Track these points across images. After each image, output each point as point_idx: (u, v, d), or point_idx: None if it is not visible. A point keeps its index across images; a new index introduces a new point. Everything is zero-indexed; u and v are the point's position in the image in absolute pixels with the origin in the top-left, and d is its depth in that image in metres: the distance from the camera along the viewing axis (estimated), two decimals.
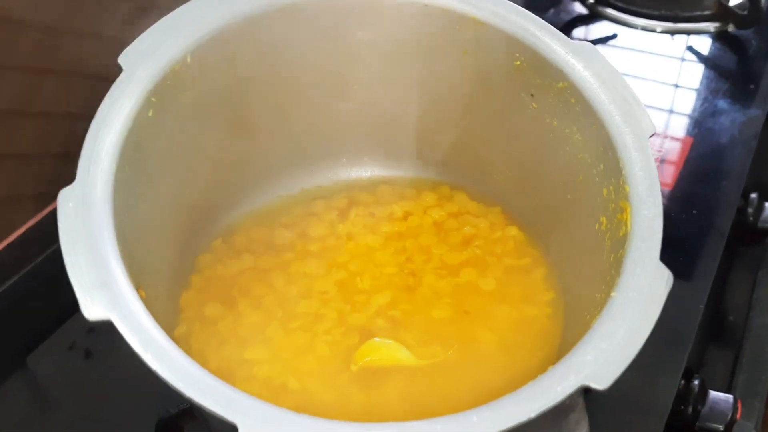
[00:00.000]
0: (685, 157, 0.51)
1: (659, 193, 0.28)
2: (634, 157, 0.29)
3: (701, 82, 0.59)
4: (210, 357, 0.32)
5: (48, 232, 0.43)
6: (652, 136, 0.29)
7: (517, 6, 0.33)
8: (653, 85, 0.59)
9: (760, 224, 0.50)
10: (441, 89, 0.37)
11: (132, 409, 0.38)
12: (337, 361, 0.31)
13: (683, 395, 0.38)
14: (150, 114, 0.29)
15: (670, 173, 0.49)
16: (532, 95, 0.34)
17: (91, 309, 0.24)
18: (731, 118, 0.55)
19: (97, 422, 0.38)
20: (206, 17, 0.32)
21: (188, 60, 0.31)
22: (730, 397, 0.38)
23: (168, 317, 0.33)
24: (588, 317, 0.27)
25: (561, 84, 0.32)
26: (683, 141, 0.52)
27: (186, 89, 0.31)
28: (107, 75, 0.29)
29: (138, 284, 0.26)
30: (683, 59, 0.61)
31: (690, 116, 0.55)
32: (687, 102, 0.57)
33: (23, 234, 0.43)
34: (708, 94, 0.57)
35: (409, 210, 0.39)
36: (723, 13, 0.62)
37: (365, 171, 0.41)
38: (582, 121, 0.31)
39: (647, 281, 0.26)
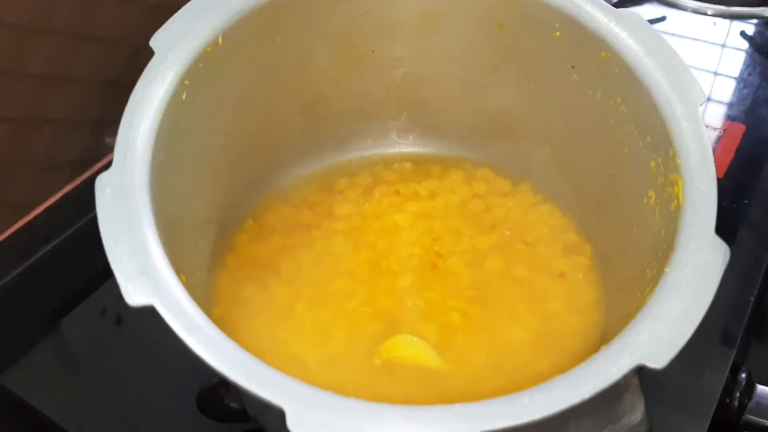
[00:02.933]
0: (737, 145, 0.49)
1: (713, 165, 0.26)
2: (684, 127, 0.27)
3: (754, 69, 0.56)
4: (244, 336, 0.32)
5: (84, 198, 0.44)
6: (702, 104, 0.28)
7: None
8: (703, 71, 0.56)
9: None
10: (474, 63, 0.36)
11: (160, 376, 0.38)
12: (361, 349, 0.31)
13: (729, 388, 0.36)
14: (184, 97, 0.29)
15: (722, 162, 0.47)
16: (573, 67, 0.33)
17: (134, 295, 0.23)
18: None
19: (126, 387, 0.38)
20: None
21: (220, 41, 0.30)
22: None
23: (205, 299, 0.33)
24: (639, 295, 0.27)
25: (604, 54, 0.31)
26: (735, 128, 0.50)
27: (219, 71, 0.31)
28: (146, 43, 0.29)
29: (178, 269, 0.26)
30: (734, 45, 0.58)
31: (743, 103, 0.53)
32: (739, 89, 0.55)
33: (60, 199, 0.43)
34: (762, 81, 0.55)
35: (434, 190, 0.38)
36: None
37: (391, 148, 0.40)
38: (627, 92, 0.30)
39: (703, 256, 0.24)
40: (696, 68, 0.56)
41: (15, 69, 0.38)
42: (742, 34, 0.59)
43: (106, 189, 0.26)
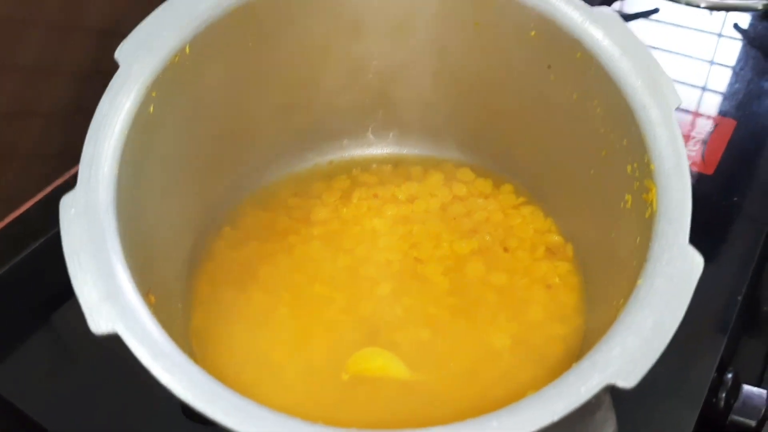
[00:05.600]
0: (727, 140, 0.48)
1: (687, 172, 0.26)
2: (659, 133, 0.27)
3: (746, 63, 0.55)
4: (223, 344, 0.32)
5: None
6: (677, 108, 0.27)
7: None
8: (695, 63, 0.55)
9: None
10: (451, 62, 0.35)
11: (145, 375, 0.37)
12: (339, 359, 0.31)
13: (716, 387, 0.36)
14: (151, 110, 0.29)
15: (712, 157, 0.47)
16: (549, 67, 0.32)
17: (98, 323, 0.23)
18: None
19: (117, 378, 0.36)
20: (202, 5, 0.30)
21: (187, 50, 0.30)
22: (764, 392, 0.36)
23: (184, 307, 0.33)
24: (615, 304, 0.26)
25: (579, 54, 0.30)
26: (726, 123, 0.49)
27: (188, 79, 0.30)
28: None
29: (147, 289, 0.26)
30: (727, 37, 0.58)
31: (734, 98, 0.52)
32: (731, 83, 0.54)
33: (51, 192, 0.43)
34: (754, 76, 0.54)
35: (414, 193, 0.37)
36: None
37: (368, 149, 0.40)
38: (603, 94, 0.30)
39: (676, 267, 0.24)
40: (690, 56, 0.55)
41: (3, 62, 0.38)
42: (735, 26, 0.58)
43: (70, 210, 0.25)
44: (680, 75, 0.53)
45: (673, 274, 0.24)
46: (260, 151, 0.37)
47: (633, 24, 0.59)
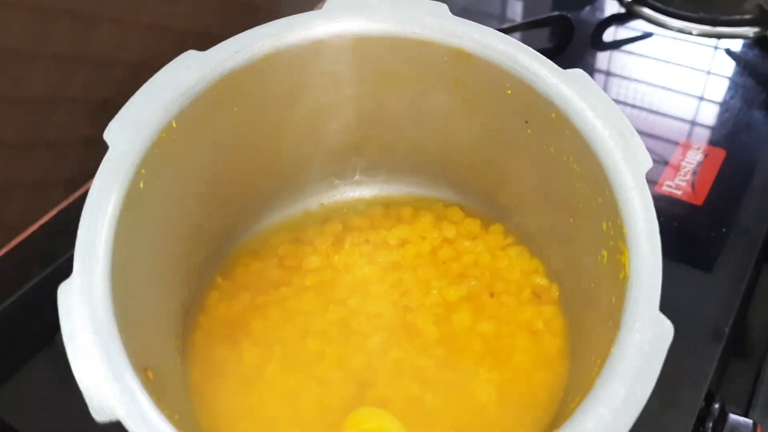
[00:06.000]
0: (717, 170, 0.48)
1: (658, 238, 0.27)
2: (631, 196, 0.28)
3: (737, 92, 0.55)
4: (219, 400, 0.33)
5: (78, 215, 0.46)
6: (648, 170, 0.28)
7: (506, 36, 0.32)
8: (685, 93, 0.56)
9: None
10: (433, 113, 0.36)
11: None
12: (333, 413, 0.32)
13: (703, 417, 0.38)
14: (141, 186, 0.30)
15: (702, 187, 0.47)
16: (526, 122, 0.33)
17: (100, 412, 0.24)
18: (766, 131, 0.52)
19: None
20: (184, 80, 0.31)
21: (174, 124, 0.31)
22: (750, 421, 0.38)
23: (183, 363, 0.34)
24: (594, 359, 0.27)
25: (553, 114, 0.31)
26: (716, 154, 0.50)
27: (176, 152, 0.31)
28: (142, 61, 0.28)
29: (145, 366, 0.27)
30: (718, 66, 0.58)
31: (724, 127, 0.52)
32: (721, 112, 0.54)
33: (54, 217, 0.45)
34: (743, 105, 0.54)
35: (405, 237, 0.39)
36: (763, 18, 0.58)
37: (358, 190, 0.41)
38: (578, 153, 0.30)
39: (646, 335, 0.25)
40: (685, 88, 0.56)
41: (8, 94, 0.39)
42: (728, 51, 0.58)
43: (69, 298, 0.26)
44: (671, 105, 0.54)
45: (644, 343, 0.25)
46: (251, 201, 0.38)
47: (628, 48, 0.60)
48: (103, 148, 0.42)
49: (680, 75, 0.57)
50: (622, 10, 0.62)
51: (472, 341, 0.34)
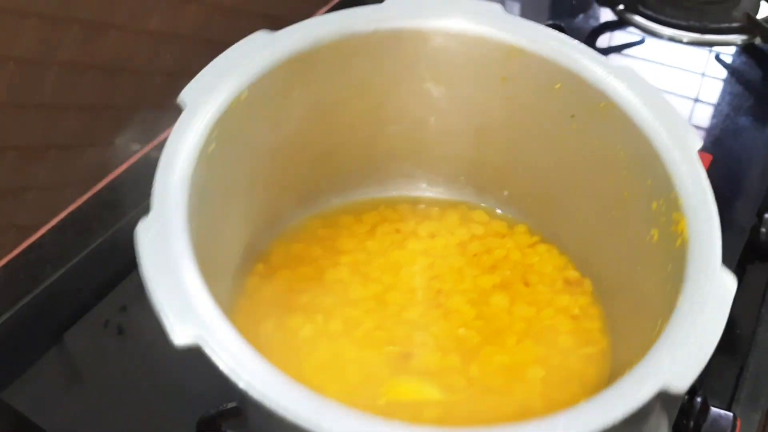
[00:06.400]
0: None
1: (714, 204, 0.29)
2: (684, 170, 0.30)
3: (724, 98, 0.58)
4: None
5: (87, 218, 0.46)
6: (698, 149, 0.30)
7: (556, 32, 0.34)
8: (676, 96, 0.58)
9: None
10: (477, 113, 0.38)
11: (159, 383, 0.40)
12: (371, 383, 0.32)
13: (686, 410, 0.39)
14: (212, 147, 0.30)
15: None
16: (572, 116, 0.35)
17: (179, 336, 0.24)
18: (752, 136, 0.55)
19: (128, 394, 0.40)
20: (258, 55, 0.33)
21: (245, 96, 0.32)
22: (730, 414, 0.39)
23: None
24: (651, 325, 0.28)
25: (603, 103, 0.33)
26: (702, 158, 0.53)
27: (244, 122, 0.32)
28: (147, 70, 0.30)
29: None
30: (707, 72, 0.61)
31: (711, 132, 0.55)
32: (709, 117, 0.57)
33: (64, 219, 0.45)
34: (730, 111, 0.57)
35: (433, 230, 0.40)
36: (751, 26, 0.61)
37: (394, 191, 0.42)
38: (626, 139, 0.33)
39: (712, 287, 0.26)
40: (676, 92, 0.58)
41: (21, 100, 0.40)
42: (717, 58, 0.61)
43: (147, 234, 0.26)
44: None
45: (710, 293, 0.26)
46: (295, 191, 0.39)
47: (622, 54, 0.63)
48: (113, 150, 0.43)
49: (670, 80, 0.59)
50: (615, 18, 0.65)
51: (513, 322, 0.35)
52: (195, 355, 0.24)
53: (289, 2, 0.54)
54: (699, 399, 0.39)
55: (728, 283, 0.27)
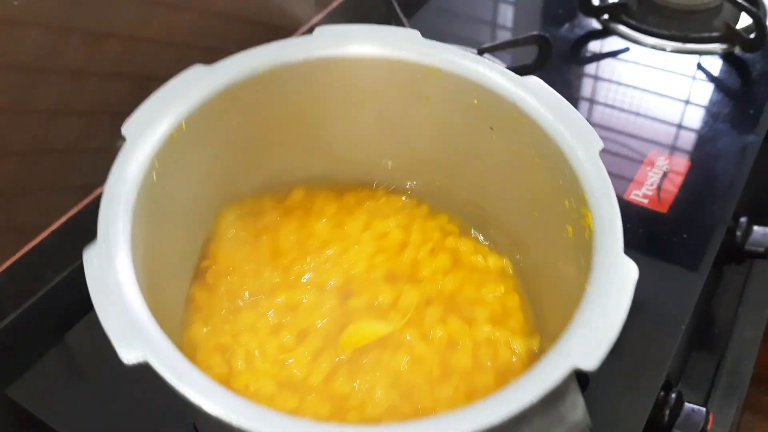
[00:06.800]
0: (681, 181, 0.53)
1: (614, 197, 0.32)
2: (587, 168, 0.33)
3: (704, 105, 0.60)
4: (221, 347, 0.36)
5: (87, 221, 0.47)
6: (602, 150, 0.33)
7: (469, 53, 0.37)
8: (653, 108, 0.60)
9: (747, 246, 0.52)
10: (404, 128, 0.41)
11: (153, 385, 0.40)
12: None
13: (662, 405, 0.41)
14: (154, 177, 0.32)
15: (667, 196, 0.51)
16: (491, 128, 0.38)
17: (127, 354, 0.26)
18: (729, 143, 0.56)
19: (127, 393, 0.41)
20: (194, 88, 0.35)
21: (183, 126, 0.34)
22: (703, 409, 0.42)
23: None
24: (567, 313, 0.31)
25: (515, 114, 0.36)
26: (681, 164, 0.54)
27: (184, 151, 0.34)
28: (148, 75, 0.30)
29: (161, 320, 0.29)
30: (688, 80, 0.63)
31: (690, 139, 0.57)
32: (689, 124, 0.59)
33: (64, 222, 0.46)
34: (710, 118, 0.59)
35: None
36: (730, 35, 0.64)
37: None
38: (538, 144, 0.35)
39: (616, 273, 0.29)
40: (662, 97, 0.61)
41: (23, 106, 0.41)
42: (699, 66, 0.64)
43: (93, 260, 0.28)
44: (638, 121, 0.59)
45: (614, 278, 0.29)
46: (241, 212, 0.41)
47: (607, 62, 0.65)
48: (112, 157, 0.45)
49: (651, 89, 0.61)
50: (600, 27, 0.68)
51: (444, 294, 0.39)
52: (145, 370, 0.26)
53: (280, 9, 0.56)
54: (674, 394, 0.42)
55: (630, 269, 0.29)
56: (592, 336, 0.27)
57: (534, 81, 0.36)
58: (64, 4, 0.40)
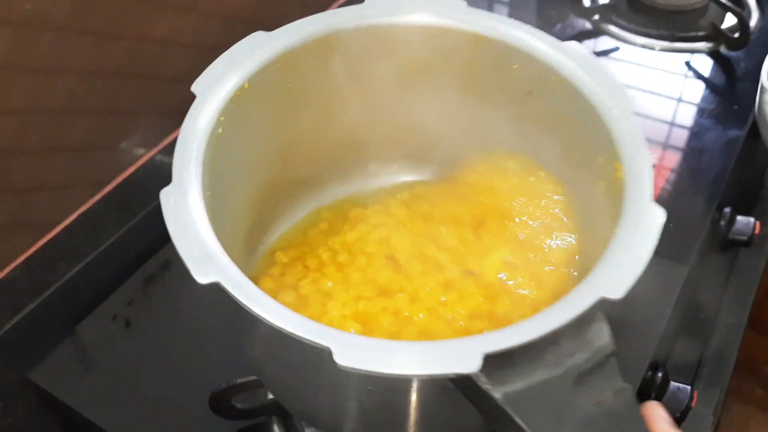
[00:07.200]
0: (668, 172, 0.56)
1: (646, 149, 0.34)
2: (622, 125, 0.35)
3: (691, 101, 0.63)
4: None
5: (98, 216, 0.51)
6: (632, 108, 0.35)
7: (510, 18, 0.40)
8: (648, 99, 0.64)
9: (731, 235, 0.56)
10: (450, 96, 0.44)
11: (163, 371, 0.46)
12: None
13: (649, 383, 0.44)
14: (220, 131, 0.36)
15: (655, 189, 0.54)
16: (529, 92, 0.40)
17: (201, 275, 0.29)
18: (715, 137, 0.59)
19: (135, 383, 0.46)
20: (257, 52, 0.38)
21: (246, 86, 0.37)
22: (688, 387, 0.44)
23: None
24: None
25: (553, 78, 0.38)
26: (669, 155, 0.58)
27: (247, 109, 0.38)
28: (153, 76, 0.33)
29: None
30: (676, 78, 0.66)
31: (677, 131, 0.60)
32: (677, 119, 0.62)
33: (76, 218, 0.50)
34: (696, 113, 0.62)
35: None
36: (716, 35, 0.67)
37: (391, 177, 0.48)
38: (574, 106, 0.38)
39: (644, 217, 0.31)
40: (651, 94, 0.64)
41: (36, 106, 0.45)
42: (687, 63, 0.67)
43: (170, 199, 0.32)
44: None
45: (642, 222, 0.31)
46: (300, 178, 0.44)
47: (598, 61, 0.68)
48: (123, 152, 0.49)
49: (640, 86, 0.64)
50: (591, 28, 0.71)
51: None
52: (215, 291, 0.29)
53: (280, 9, 0.59)
54: (660, 374, 0.45)
55: (657, 214, 0.31)
56: (619, 270, 0.30)
57: (573, 46, 0.38)
58: (73, 7, 0.43)
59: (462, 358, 0.27)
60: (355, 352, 0.27)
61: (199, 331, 0.48)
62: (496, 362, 0.27)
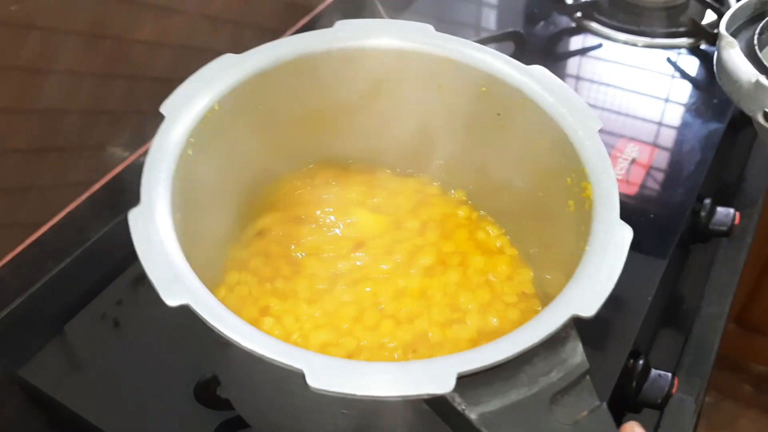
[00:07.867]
0: (649, 165, 0.57)
1: (611, 170, 0.34)
2: (587, 145, 0.36)
3: (672, 95, 0.65)
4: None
5: (85, 216, 0.51)
6: (600, 129, 0.36)
7: (479, 45, 0.40)
8: (631, 95, 0.65)
9: (711, 226, 0.57)
10: (419, 117, 0.44)
11: (151, 370, 0.45)
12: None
13: (630, 371, 0.44)
14: (189, 152, 0.35)
15: (635, 180, 0.55)
16: (498, 114, 0.41)
17: (171, 298, 0.29)
18: (695, 130, 0.61)
19: (124, 380, 0.45)
20: (227, 73, 0.38)
21: (216, 107, 0.37)
22: (669, 374, 0.45)
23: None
24: (567, 272, 0.33)
25: (521, 100, 0.39)
26: (650, 149, 0.59)
27: (217, 131, 0.37)
28: (139, 77, 0.34)
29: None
30: (657, 73, 0.68)
31: (658, 126, 0.62)
32: (658, 114, 0.63)
33: (64, 217, 0.49)
34: (677, 107, 0.64)
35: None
36: (696, 31, 0.69)
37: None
38: (542, 127, 0.38)
39: (612, 235, 0.32)
40: (632, 90, 0.65)
41: (22, 106, 0.44)
42: (668, 59, 0.69)
43: (138, 220, 0.31)
44: (612, 105, 0.63)
45: (611, 240, 0.32)
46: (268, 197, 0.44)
47: (581, 58, 0.70)
48: (107, 155, 0.48)
49: (623, 82, 0.66)
50: (573, 25, 0.73)
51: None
52: (185, 312, 0.29)
53: (267, 13, 0.59)
54: (641, 362, 0.45)
55: (625, 233, 0.32)
56: (590, 288, 0.30)
57: (538, 69, 0.39)
58: (58, 7, 0.43)
59: (436, 378, 0.27)
60: (328, 374, 0.27)
61: (188, 332, 0.48)
62: (470, 382, 0.27)
